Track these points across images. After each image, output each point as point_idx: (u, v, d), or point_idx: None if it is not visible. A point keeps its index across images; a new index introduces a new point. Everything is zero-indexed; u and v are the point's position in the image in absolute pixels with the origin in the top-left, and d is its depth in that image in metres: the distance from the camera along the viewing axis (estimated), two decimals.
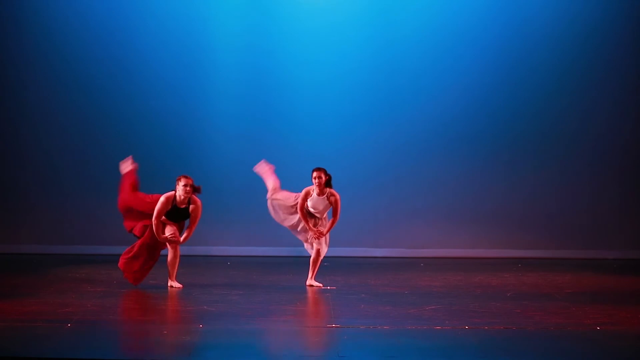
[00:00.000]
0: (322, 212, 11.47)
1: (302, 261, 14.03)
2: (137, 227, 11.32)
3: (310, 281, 11.58)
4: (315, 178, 11.42)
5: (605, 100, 15.18)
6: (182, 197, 11.10)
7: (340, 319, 9.53)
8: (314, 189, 11.44)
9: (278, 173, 14.57)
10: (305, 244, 11.65)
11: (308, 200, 11.45)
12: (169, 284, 11.25)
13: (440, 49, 15.05)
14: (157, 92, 14.97)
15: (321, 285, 11.49)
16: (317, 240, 11.42)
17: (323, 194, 11.41)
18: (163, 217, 11.12)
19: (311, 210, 11.45)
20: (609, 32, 15.08)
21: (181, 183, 11.14)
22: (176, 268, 11.25)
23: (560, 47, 15.09)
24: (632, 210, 15.19)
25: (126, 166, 11.76)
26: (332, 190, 11.43)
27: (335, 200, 11.45)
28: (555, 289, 11.55)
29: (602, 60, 15.13)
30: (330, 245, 11.72)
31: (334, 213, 11.47)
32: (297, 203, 11.48)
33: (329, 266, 11.63)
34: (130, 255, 11.19)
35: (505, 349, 8.11)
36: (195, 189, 11.18)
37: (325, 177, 11.43)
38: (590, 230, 15.15)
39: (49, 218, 14.99)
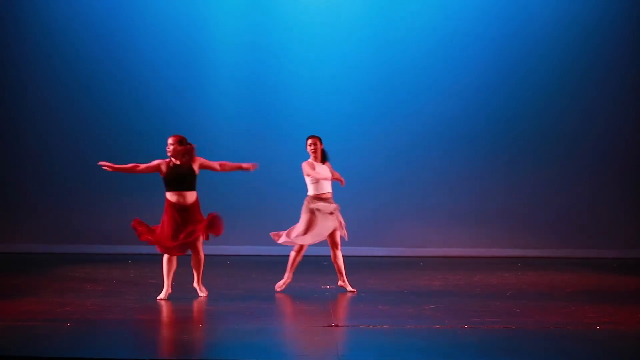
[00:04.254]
0: (329, 179, 11.00)
1: (302, 260, 14.04)
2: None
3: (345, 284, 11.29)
4: (310, 145, 11.07)
5: (605, 100, 15.18)
6: (170, 155, 10.49)
7: (340, 319, 9.52)
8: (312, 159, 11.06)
9: (278, 172, 14.61)
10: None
11: (316, 168, 11.02)
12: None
13: (440, 49, 15.06)
14: (157, 91, 14.98)
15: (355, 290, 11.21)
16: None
17: (322, 163, 11.11)
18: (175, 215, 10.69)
19: (322, 180, 10.95)
20: (609, 32, 15.09)
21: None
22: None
23: (560, 47, 15.10)
24: (632, 210, 15.19)
25: None
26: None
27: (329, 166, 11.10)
28: (555, 288, 11.55)
29: (602, 60, 15.14)
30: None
31: (335, 175, 11.05)
32: (305, 222, 10.97)
33: (328, 265, 11.63)
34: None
35: (505, 348, 8.11)
36: (185, 147, 10.55)
37: (321, 146, 11.09)
38: (590, 229, 15.15)
39: (49, 218, 14.99)
